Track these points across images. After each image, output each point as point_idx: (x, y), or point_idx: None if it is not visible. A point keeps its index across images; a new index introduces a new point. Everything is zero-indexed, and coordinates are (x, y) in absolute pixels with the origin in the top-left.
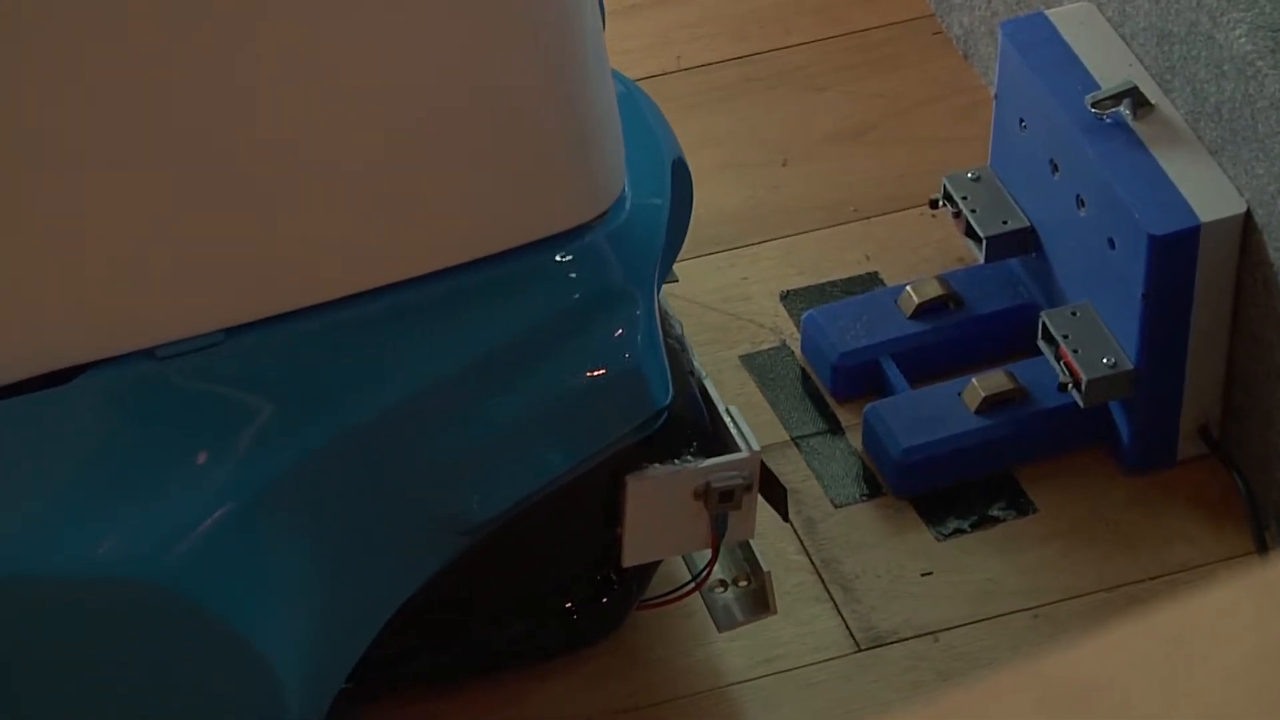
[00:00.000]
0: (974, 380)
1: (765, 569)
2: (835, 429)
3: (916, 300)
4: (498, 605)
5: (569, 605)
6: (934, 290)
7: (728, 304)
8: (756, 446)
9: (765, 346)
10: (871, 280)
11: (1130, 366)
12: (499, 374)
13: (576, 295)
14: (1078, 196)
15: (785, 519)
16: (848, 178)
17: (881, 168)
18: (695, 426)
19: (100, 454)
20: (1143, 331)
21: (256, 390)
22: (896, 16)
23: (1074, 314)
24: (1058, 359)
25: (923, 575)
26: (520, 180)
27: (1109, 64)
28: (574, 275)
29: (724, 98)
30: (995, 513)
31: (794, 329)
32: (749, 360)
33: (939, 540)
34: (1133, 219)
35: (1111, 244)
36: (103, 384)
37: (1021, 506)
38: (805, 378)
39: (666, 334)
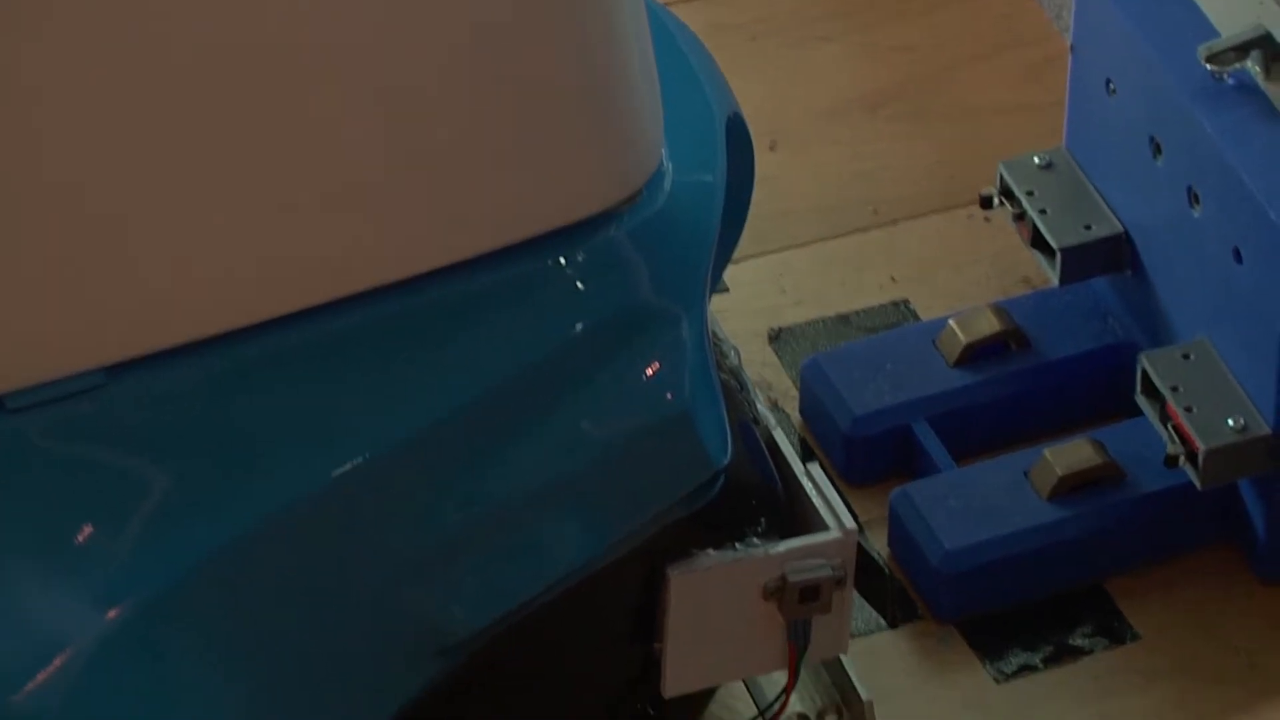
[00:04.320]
0: (1046, 453)
1: (865, 697)
2: None
3: (964, 340)
4: None
5: None
6: (988, 326)
7: None
8: (851, 524)
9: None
10: (899, 312)
11: (1267, 430)
12: (488, 428)
13: (593, 315)
14: (1189, 189)
15: (892, 623)
16: (862, 166)
17: (910, 152)
18: (763, 496)
19: None
20: None
21: (152, 453)
22: None
23: (1186, 357)
24: (1164, 421)
25: None
26: (505, 152)
27: (1231, 1)
28: (587, 286)
29: None
30: (1079, 642)
31: (788, 383)
32: None
33: (999, 682)
34: (1268, 220)
35: (1238, 256)
36: None
37: (1116, 633)
38: (805, 451)
39: (719, 366)
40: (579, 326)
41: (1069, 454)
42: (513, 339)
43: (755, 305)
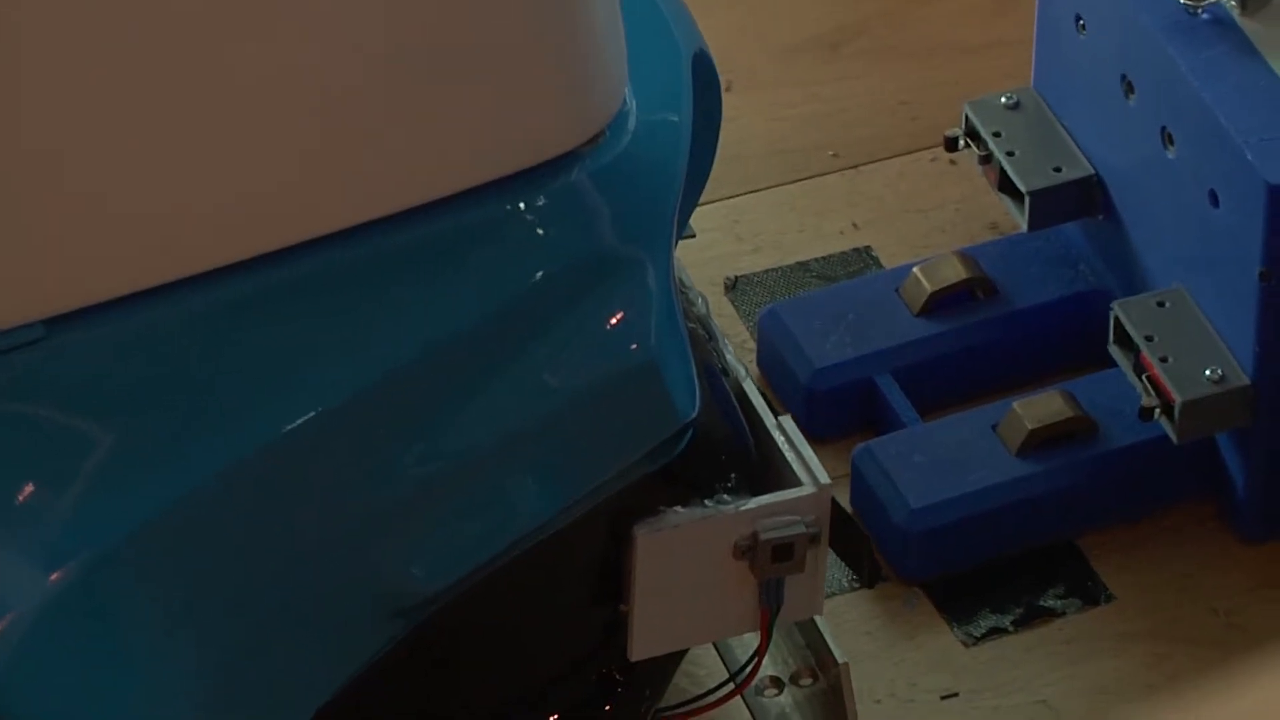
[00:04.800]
0: (1015, 406)
1: (841, 659)
2: None
3: (929, 289)
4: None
5: (555, 719)
6: (954, 273)
7: None
8: (825, 479)
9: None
10: (861, 259)
11: (1246, 381)
12: (446, 380)
13: (554, 262)
14: (1163, 130)
15: (868, 583)
16: (822, 107)
17: (872, 92)
18: (733, 450)
19: None
20: (1262, 329)
21: (96, 408)
22: None
23: (1161, 305)
24: (1139, 372)
25: (944, 698)
26: (459, 91)
27: None
28: (547, 232)
29: None
30: (1050, 603)
31: (745, 334)
32: None
33: (968, 645)
34: (1244, 162)
35: (1214, 199)
36: None
37: (1090, 594)
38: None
39: (686, 314)
40: (540, 274)
41: (1039, 407)
42: (471, 287)
43: (710, 253)
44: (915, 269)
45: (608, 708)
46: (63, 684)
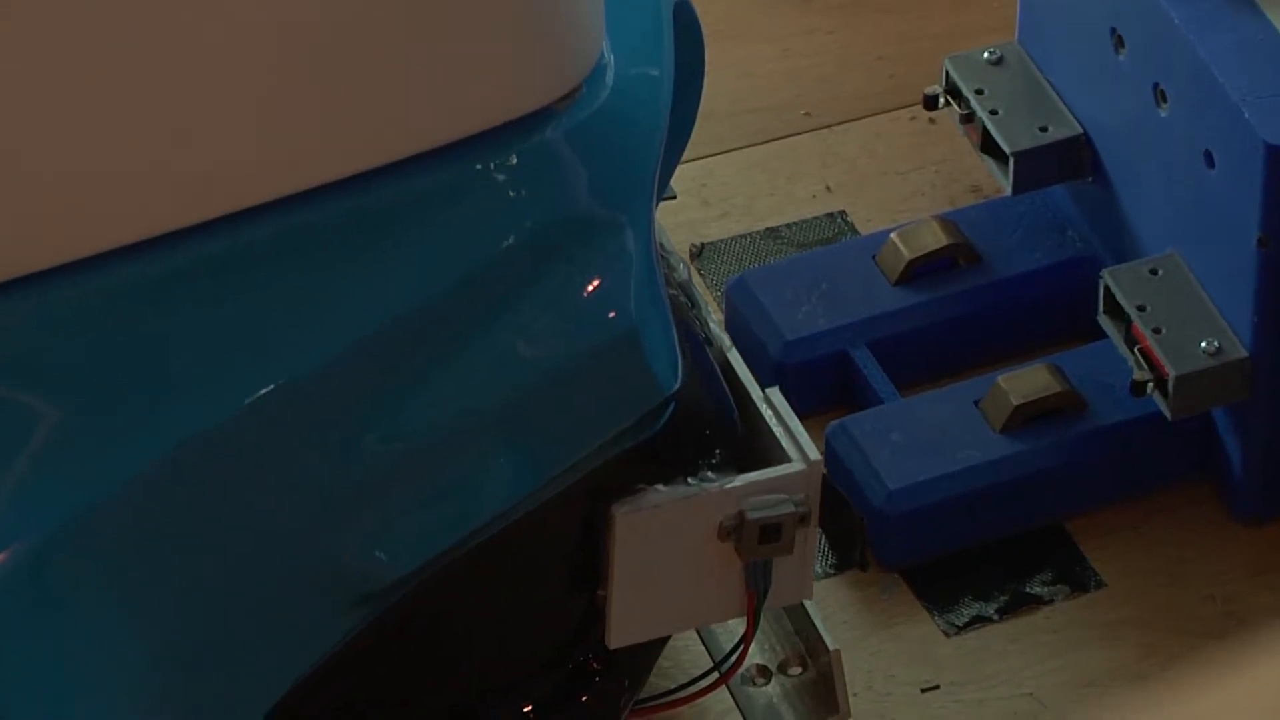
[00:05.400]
0: (999, 381)
1: (832, 646)
2: None
3: (907, 256)
4: (423, 715)
5: (528, 710)
6: (934, 240)
7: None
8: (816, 455)
9: None
10: (835, 225)
11: (1243, 353)
12: (412, 351)
13: (527, 225)
14: (1155, 87)
15: (860, 565)
16: (794, 63)
17: (846, 47)
18: (718, 424)
19: None
20: (1261, 298)
21: (44, 381)
22: None
23: (1154, 272)
24: (1130, 344)
25: (924, 691)
26: (425, 45)
27: None
28: (520, 194)
29: None
30: (1037, 590)
31: (712, 304)
32: None
33: (949, 635)
34: (1241, 121)
35: (1209, 160)
36: None
37: (1079, 580)
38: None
39: (667, 281)
40: (511, 238)
41: (1025, 381)
42: (437, 253)
43: (675, 218)
44: (893, 235)
45: (584, 699)
46: (3, 675)
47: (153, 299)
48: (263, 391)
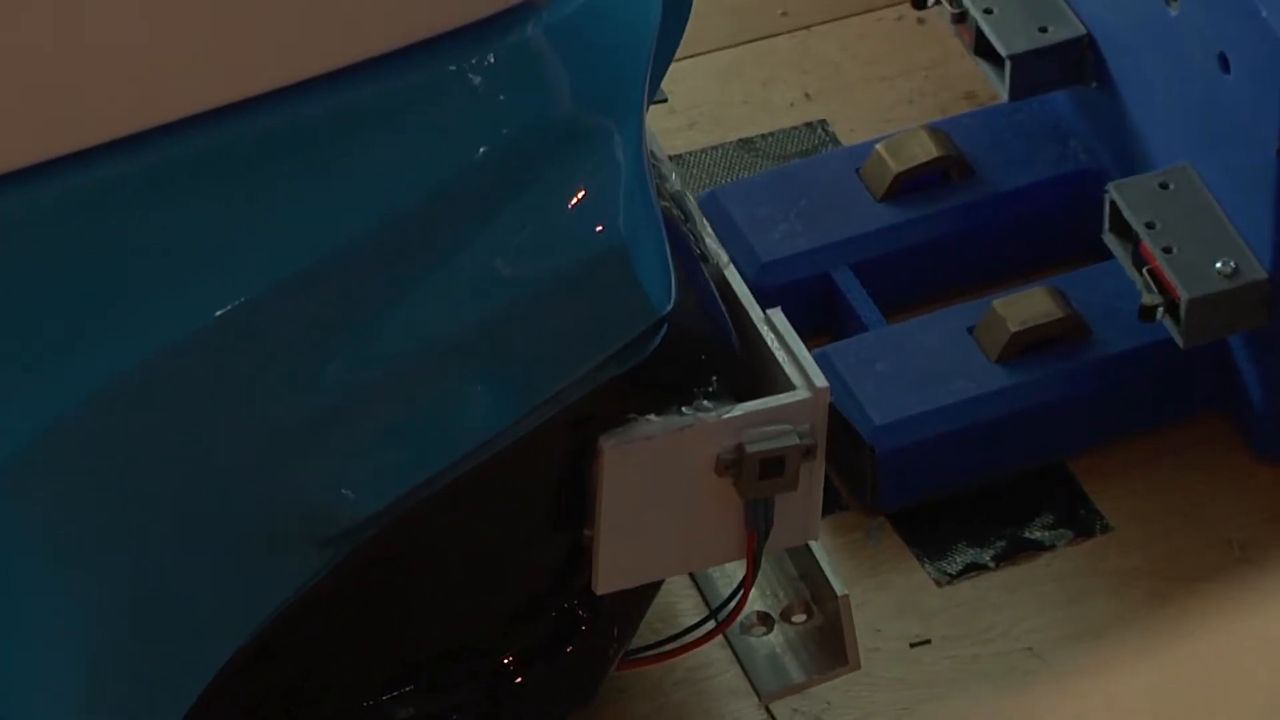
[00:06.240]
0: (995, 306)
1: (840, 591)
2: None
3: (894, 169)
4: (397, 667)
5: (508, 662)
6: (923, 152)
7: None
8: (822, 382)
9: None
10: (815, 135)
11: (1263, 274)
12: (383, 268)
13: (506, 131)
14: None
15: (872, 505)
16: None
17: None
18: (715, 349)
19: None
20: None
21: None
22: None
23: (1164, 186)
24: (1138, 265)
25: (914, 646)
26: None
27: None
28: (498, 96)
29: None
30: (1038, 535)
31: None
32: None
33: (941, 585)
34: (1258, 20)
35: (1224, 63)
36: None
37: (1083, 524)
38: None
39: (659, 192)
40: (489, 145)
41: (1023, 306)
42: (410, 162)
43: None
44: (878, 146)
45: (569, 650)
46: None
47: (96, 211)
48: (217, 312)
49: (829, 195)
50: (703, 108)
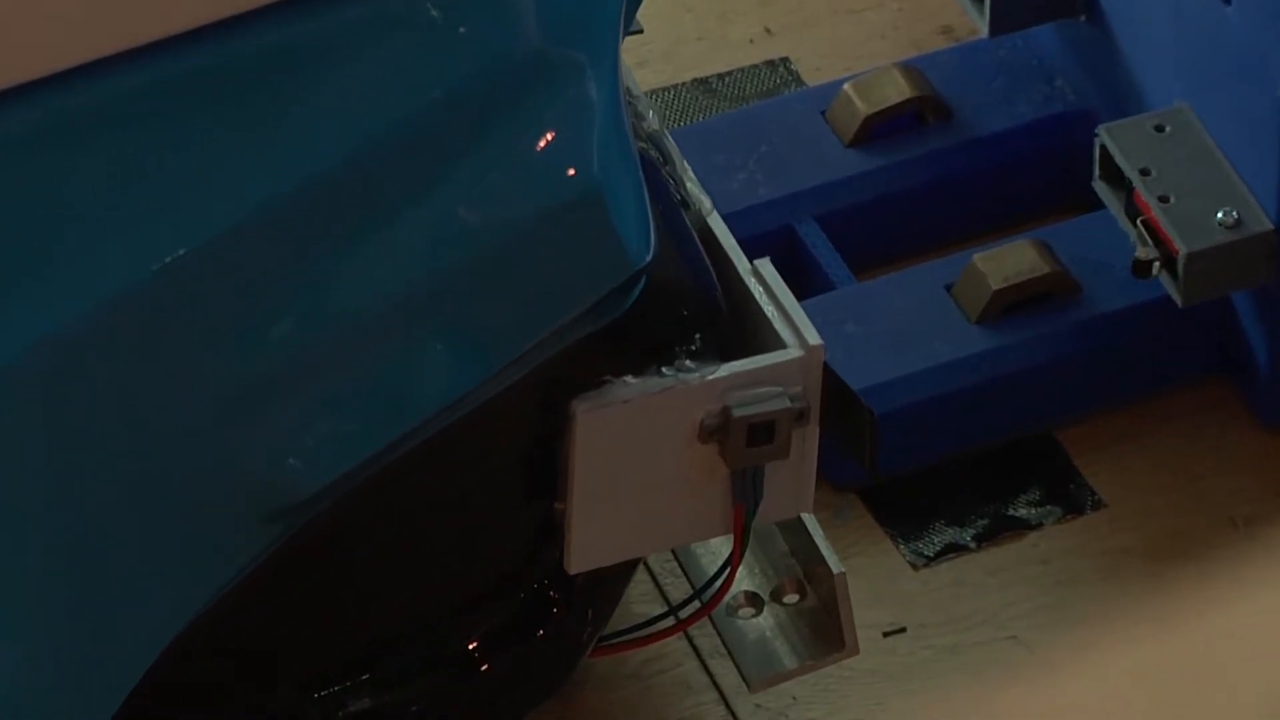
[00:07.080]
0: (975, 260)
1: (836, 568)
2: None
3: (864, 111)
4: (351, 654)
5: (473, 648)
6: (896, 92)
7: None
8: (816, 339)
9: None
10: (777, 74)
11: (1268, 225)
12: (336, 216)
13: (469, 68)
14: None
15: (871, 472)
16: None
17: None
18: (698, 304)
19: None
20: None
21: None
22: None
23: (1160, 129)
24: (1132, 215)
25: (887, 635)
26: None
27: None
28: (460, 30)
29: None
30: (1023, 512)
31: None
32: None
33: (918, 568)
34: None
35: None
36: None
37: (1072, 500)
38: None
39: (635, 133)
40: (452, 83)
41: (1006, 261)
42: (365, 100)
43: None
44: (846, 86)
45: (540, 634)
46: None
47: (39, 149)
48: (154, 265)
49: (792, 140)
50: (653, 44)
